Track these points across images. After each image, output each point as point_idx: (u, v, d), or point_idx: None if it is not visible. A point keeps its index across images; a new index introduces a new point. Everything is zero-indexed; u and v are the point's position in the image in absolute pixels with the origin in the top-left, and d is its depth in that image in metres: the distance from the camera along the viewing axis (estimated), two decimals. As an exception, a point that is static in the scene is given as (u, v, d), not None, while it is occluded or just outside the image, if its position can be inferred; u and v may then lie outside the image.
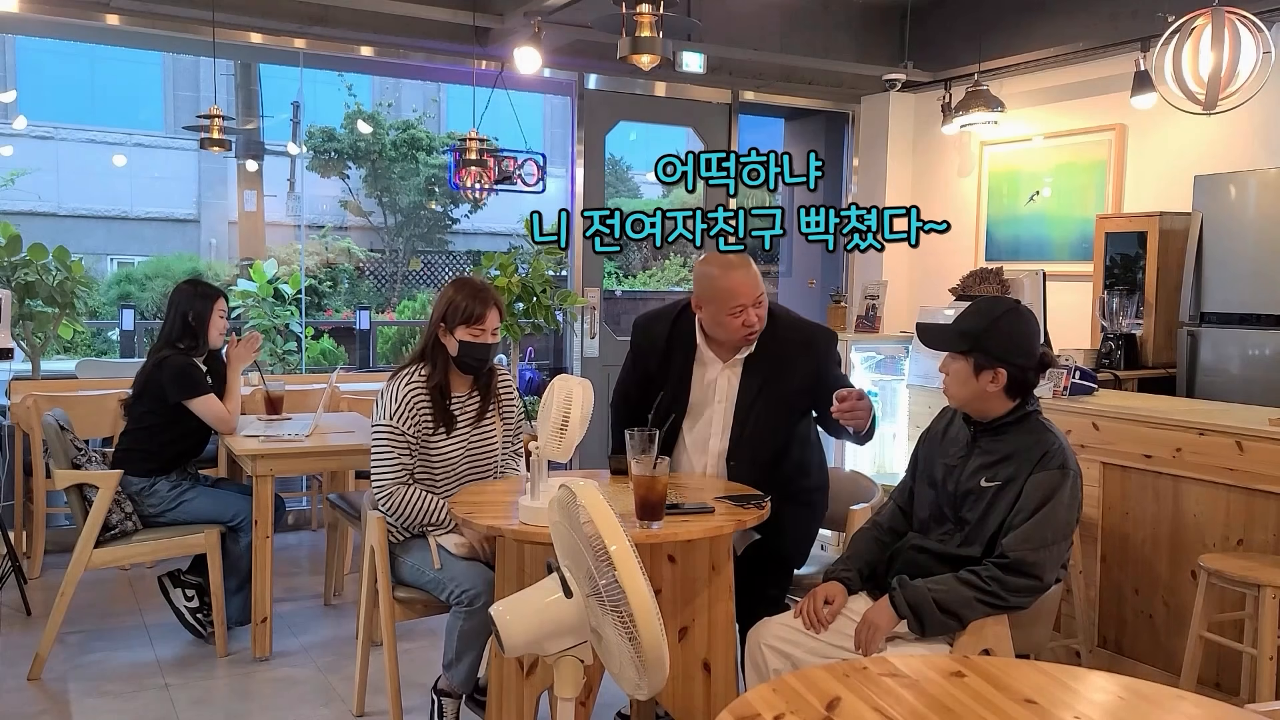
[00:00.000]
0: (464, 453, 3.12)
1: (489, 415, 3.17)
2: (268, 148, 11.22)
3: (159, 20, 5.17)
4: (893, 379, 5.11)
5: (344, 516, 4.17)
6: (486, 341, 3.05)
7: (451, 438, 3.09)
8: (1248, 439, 3.15)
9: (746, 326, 2.90)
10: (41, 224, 10.80)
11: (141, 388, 3.83)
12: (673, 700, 2.66)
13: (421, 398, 3.04)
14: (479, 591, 2.88)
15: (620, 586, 1.67)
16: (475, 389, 3.16)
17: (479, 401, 3.15)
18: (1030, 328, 2.53)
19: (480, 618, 2.87)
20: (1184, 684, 3.04)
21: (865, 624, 2.39)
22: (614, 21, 4.19)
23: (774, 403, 2.97)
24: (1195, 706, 1.71)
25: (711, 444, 3.04)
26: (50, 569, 4.69)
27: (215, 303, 3.91)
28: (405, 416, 3.01)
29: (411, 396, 3.03)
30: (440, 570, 2.98)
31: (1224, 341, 4.50)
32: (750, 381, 2.98)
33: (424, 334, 3.12)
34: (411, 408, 3.02)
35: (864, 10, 6.24)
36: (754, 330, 2.93)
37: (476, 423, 3.15)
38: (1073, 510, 2.45)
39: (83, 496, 3.67)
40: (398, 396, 3.02)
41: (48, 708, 3.38)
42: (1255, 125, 4.84)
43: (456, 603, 2.94)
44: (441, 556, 2.99)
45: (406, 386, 3.04)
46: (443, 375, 3.07)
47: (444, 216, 12.84)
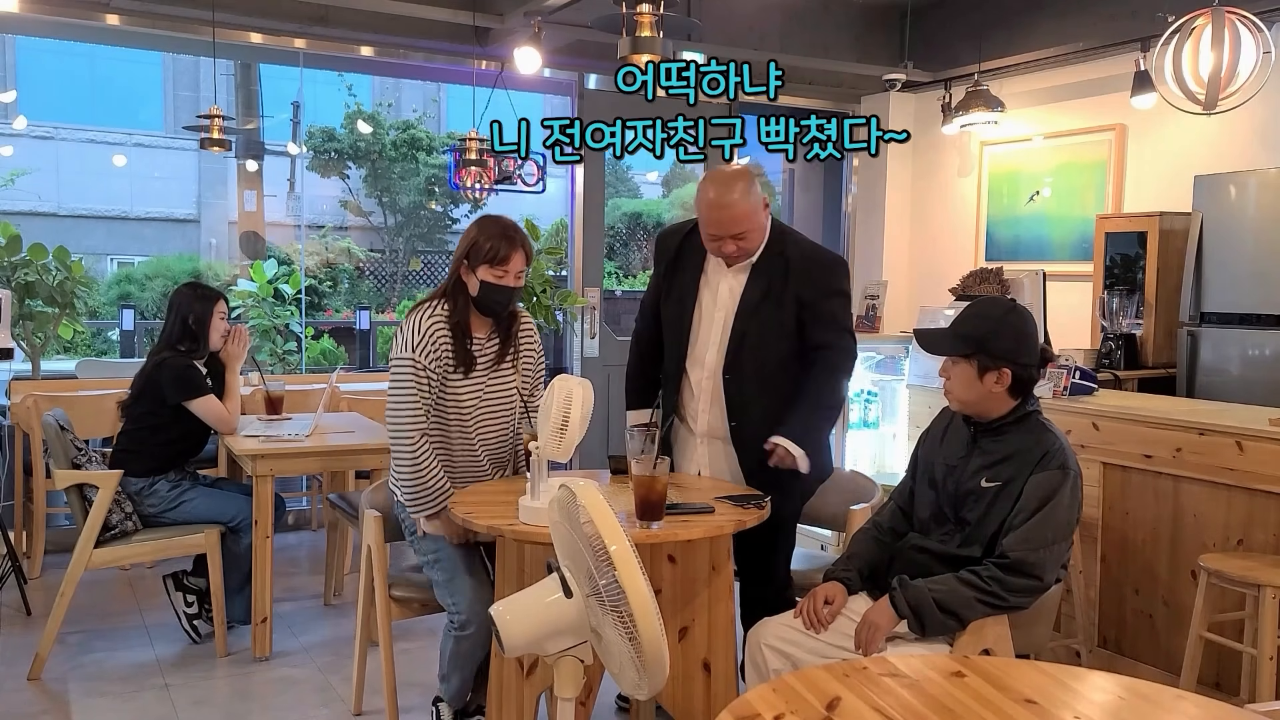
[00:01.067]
0: (480, 399, 2.95)
1: (507, 361, 3.01)
2: (268, 148, 11.23)
3: (159, 20, 5.17)
4: (893, 379, 5.11)
5: (344, 516, 4.17)
6: (509, 284, 2.89)
7: (469, 379, 2.92)
8: (1248, 439, 3.15)
9: (722, 255, 2.90)
10: (41, 224, 10.81)
11: (140, 389, 3.83)
12: (673, 700, 2.66)
13: (443, 333, 2.88)
14: (470, 619, 2.82)
15: (620, 586, 1.67)
16: (495, 332, 3.00)
17: (498, 346, 3.00)
18: (1031, 326, 2.53)
19: (472, 643, 2.85)
20: (1184, 684, 3.04)
21: (865, 624, 2.39)
22: (614, 21, 4.19)
23: (777, 311, 2.90)
24: (1195, 706, 1.71)
25: (709, 357, 2.97)
26: (50, 569, 4.69)
27: (215, 305, 3.92)
28: (427, 350, 2.85)
29: (434, 330, 2.87)
30: (449, 579, 2.89)
31: (1224, 341, 4.50)
32: (755, 286, 2.92)
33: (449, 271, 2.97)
34: (434, 342, 2.86)
35: (864, 10, 6.24)
36: (731, 259, 2.91)
37: (494, 368, 2.98)
38: (1073, 510, 2.45)
39: (83, 496, 3.68)
40: (420, 329, 2.86)
41: (48, 708, 3.38)
42: (1255, 125, 4.84)
43: (450, 620, 2.90)
44: (447, 565, 2.91)
45: (430, 320, 2.88)
46: (464, 314, 2.92)
47: (444, 216, 12.85)
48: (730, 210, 2.83)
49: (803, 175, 7.93)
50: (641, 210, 13.93)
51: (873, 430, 5.12)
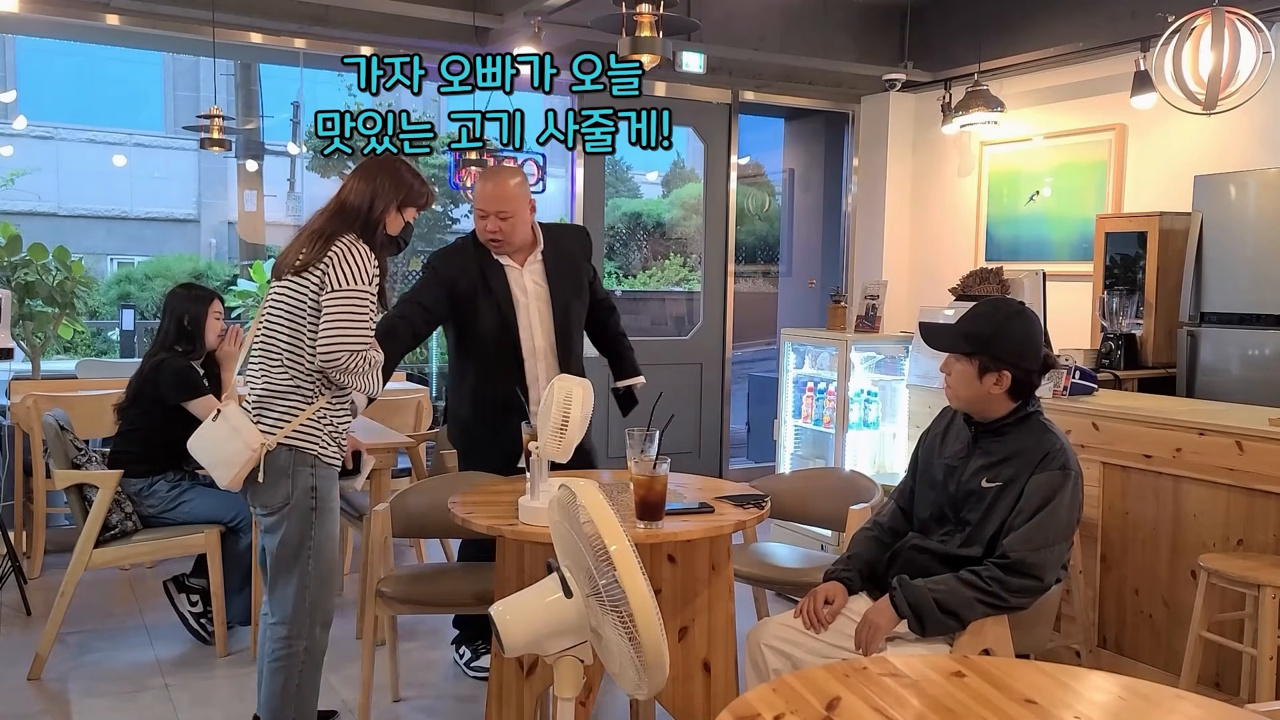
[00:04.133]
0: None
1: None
2: (268, 148, 11.22)
3: (159, 20, 5.17)
4: (893, 379, 5.10)
5: (344, 516, 4.17)
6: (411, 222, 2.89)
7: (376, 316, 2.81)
8: (1248, 439, 3.15)
9: (485, 232, 3.40)
10: (41, 224, 10.80)
11: (137, 391, 3.83)
12: (673, 700, 2.66)
13: (377, 272, 2.74)
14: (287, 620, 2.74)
15: (620, 586, 1.67)
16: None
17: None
18: (1035, 330, 2.53)
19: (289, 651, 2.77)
20: (1184, 684, 3.04)
21: (865, 624, 2.39)
22: (614, 21, 4.19)
23: (574, 280, 3.55)
24: (1195, 706, 1.71)
25: (538, 342, 3.46)
26: (50, 569, 4.69)
27: (210, 305, 3.92)
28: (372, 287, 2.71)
29: (374, 268, 2.72)
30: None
31: (1224, 341, 4.50)
32: (551, 268, 3.50)
33: (358, 207, 2.75)
34: (374, 281, 2.72)
35: (864, 10, 6.24)
36: (493, 237, 3.40)
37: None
38: (1073, 511, 2.45)
39: (83, 496, 3.68)
40: (371, 263, 2.69)
41: (48, 708, 3.38)
42: (1255, 125, 4.84)
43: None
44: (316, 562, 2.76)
45: (371, 256, 2.71)
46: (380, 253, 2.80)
47: (444, 216, 12.84)
48: (500, 190, 3.39)
49: (803, 175, 7.93)
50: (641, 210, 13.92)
51: (873, 430, 5.11)
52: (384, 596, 3.08)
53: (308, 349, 2.67)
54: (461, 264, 3.44)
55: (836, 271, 7.28)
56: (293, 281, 2.69)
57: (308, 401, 2.69)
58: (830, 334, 5.17)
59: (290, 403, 2.68)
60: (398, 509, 3.16)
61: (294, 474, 2.67)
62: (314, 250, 2.68)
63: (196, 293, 3.98)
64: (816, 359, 5.33)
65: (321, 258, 2.66)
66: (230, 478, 2.67)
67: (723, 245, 6.71)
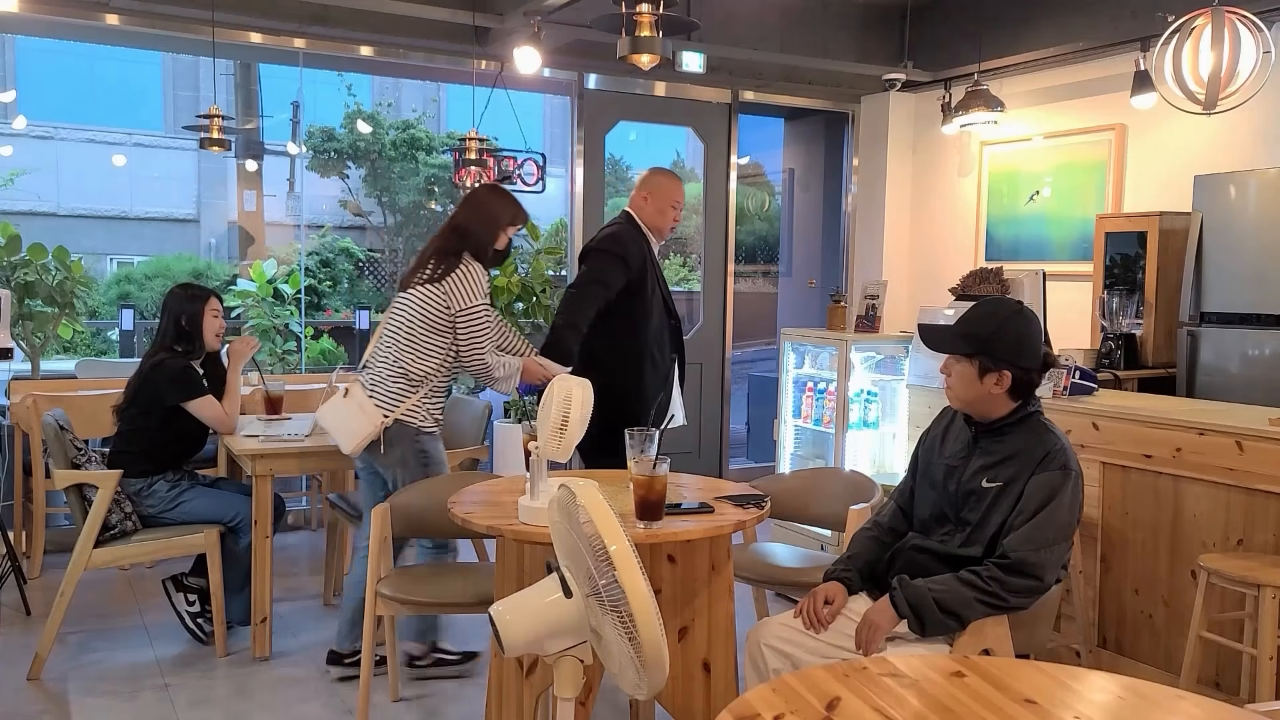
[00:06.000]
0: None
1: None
2: (267, 148, 11.23)
3: (159, 20, 5.17)
4: (893, 379, 5.10)
5: (344, 516, 4.17)
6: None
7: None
8: (1248, 439, 3.15)
9: (676, 222, 3.99)
10: (41, 224, 10.80)
11: (135, 392, 3.82)
12: (673, 700, 2.66)
13: (489, 284, 3.50)
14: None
15: (620, 586, 1.67)
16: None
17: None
18: (1035, 330, 2.53)
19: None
20: (1184, 684, 3.04)
21: (865, 624, 2.39)
22: (614, 21, 4.19)
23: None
24: (1195, 706, 1.71)
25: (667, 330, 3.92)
26: (50, 569, 4.69)
27: (207, 303, 3.91)
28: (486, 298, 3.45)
29: (488, 282, 3.46)
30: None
31: (1224, 341, 4.50)
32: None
33: (474, 230, 3.48)
34: (487, 293, 3.45)
35: (864, 10, 6.24)
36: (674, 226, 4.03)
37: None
38: (1074, 511, 2.45)
39: (82, 496, 3.67)
40: (484, 279, 3.43)
41: (48, 708, 3.38)
42: (1255, 125, 4.84)
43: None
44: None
45: (484, 273, 3.44)
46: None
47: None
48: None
49: (803, 175, 7.93)
50: (641, 210, 13.92)
51: (873, 430, 5.11)
52: (384, 596, 3.08)
53: (416, 348, 3.39)
54: (640, 247, 3.86)
55: (836, 271, 7.28)
56: (416, 293, 3.39)
57: (414, 389, 3.40)
58: (830, 334, 5.17)
59: (399, 388, 3.41)
60: (398, 509, 3.16)
61: (405, 442, 3.41)
62: (439, 268, 3.39)
63: (193, 292, 3.97)
64: (816, 359, 5.33)
65: (447, 275, 3.36)
66: (353, 445, 3.39)
67: (723, 245, 6.71)
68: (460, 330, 3.38)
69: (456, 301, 3.35)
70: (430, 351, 3.39)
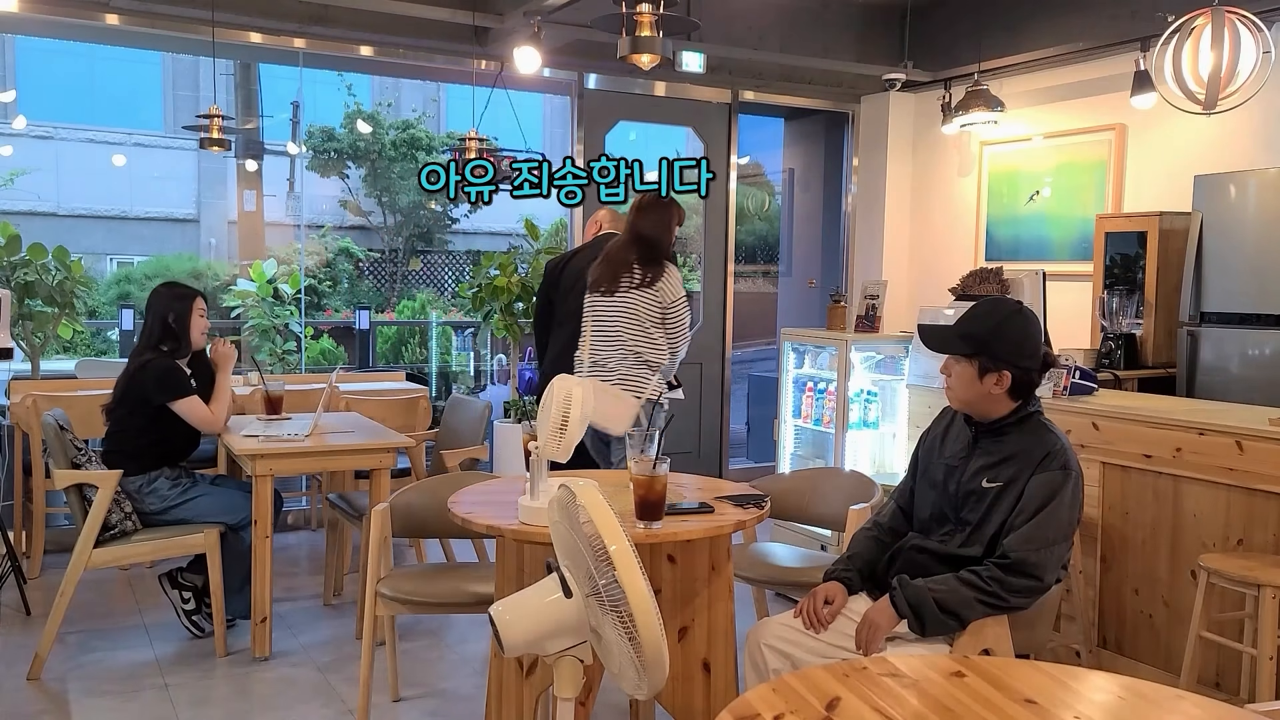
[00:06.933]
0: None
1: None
2: (267, 148, 11.22)
3: (159, 20, 5.17)
4: (893, 379, 5.10)
5: (344, 516, 4.17)
6: None
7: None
8: (1248, 439, 3.15)
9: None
10: (41, 224, 10.79)
11: (123, 391, 3.82)
12: (673, 700, 2.66)
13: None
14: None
15: (620, 586, 1.67)
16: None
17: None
18: (1034, 329, 2.53)
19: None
20: (1184, 684, 3.04)
21: (865, 624, 2.39)
22: (614, 21, 4.19)
23: None
24: (1195, 706, 1.71)
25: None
26: (50, 569, 4.69)
27: (193, 302, 3.90)
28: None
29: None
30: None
31: (1224, 341, 4.50)
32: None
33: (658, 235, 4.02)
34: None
35: (864, 10, 6.23)
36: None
37: None
38: (1074, 511, 2.45)
39: (82, 496, 3.67)
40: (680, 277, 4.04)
41: (48, 708, 3.38)
42: (1255, 125, 4.84)
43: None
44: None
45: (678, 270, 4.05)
46: None
47: (444, 216, 12.84)
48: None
49: (803, 175, 7.93)
50: (641, 210, 13.91)
51: (873, 430, 5.11)
52: (384, 596, 3.08)
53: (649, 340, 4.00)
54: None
55: (836, 271, 7.28)
56: (632, 297, 3.98)
57: (653, 372, 4.00)
58: (830, 334, 5.17)
59: (640, 373, 3.99)
60: (398, 509, 3.16)
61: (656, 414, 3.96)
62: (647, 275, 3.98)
63: (179, 291, 3.96)
64: (816, 359, 5.33)
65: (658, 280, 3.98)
66: (624, 425, 3.83)
67: (723, 245, 6.71)
68: (670, 320, 4.03)
69: (668, 297, 4.00)
70: (659, 342, 4.02)
